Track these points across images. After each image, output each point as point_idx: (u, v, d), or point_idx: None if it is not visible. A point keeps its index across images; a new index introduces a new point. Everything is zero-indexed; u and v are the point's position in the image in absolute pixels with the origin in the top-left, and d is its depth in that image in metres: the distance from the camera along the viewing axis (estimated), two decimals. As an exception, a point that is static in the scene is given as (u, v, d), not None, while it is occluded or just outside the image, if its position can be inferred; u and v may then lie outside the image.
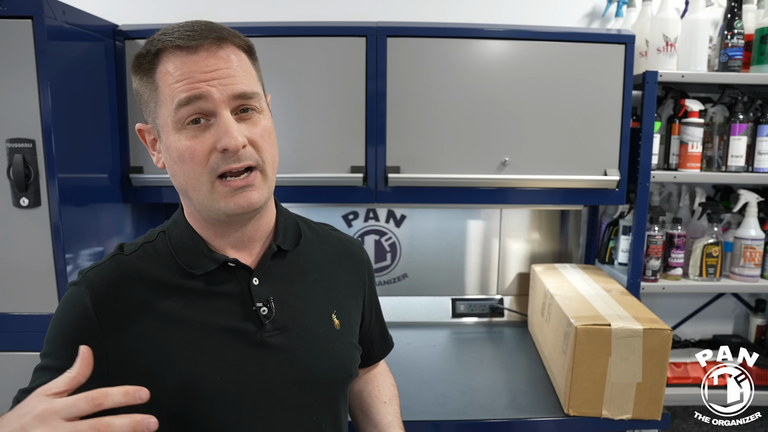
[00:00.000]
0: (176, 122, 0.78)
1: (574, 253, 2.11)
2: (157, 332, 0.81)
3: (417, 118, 1.63)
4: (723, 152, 1.81)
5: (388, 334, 1.19)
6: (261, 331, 0.85)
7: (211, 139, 0.77)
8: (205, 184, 0.79)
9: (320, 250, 0.99)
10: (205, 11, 1.88)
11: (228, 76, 0.77)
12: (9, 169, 1.27)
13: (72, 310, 0.82)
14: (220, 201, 0.79)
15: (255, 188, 0.80)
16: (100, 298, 0.81)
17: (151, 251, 0.87)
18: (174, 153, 0.79)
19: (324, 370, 0.90)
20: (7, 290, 1.33)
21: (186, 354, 0.81)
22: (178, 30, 0.78)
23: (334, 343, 0.93)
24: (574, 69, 1.64)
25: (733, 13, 1.72)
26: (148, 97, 0.81)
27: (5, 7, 1.23)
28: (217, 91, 0.76)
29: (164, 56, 0.78)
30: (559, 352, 1.49)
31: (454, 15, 1.97)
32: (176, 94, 0.76)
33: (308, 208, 1.98)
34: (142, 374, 0.79)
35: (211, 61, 0.77)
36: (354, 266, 1.03)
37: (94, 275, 0.83)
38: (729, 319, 2.19)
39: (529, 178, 1.66)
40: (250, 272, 0.87)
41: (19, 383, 1.37)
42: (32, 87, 1.26)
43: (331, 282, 0.97)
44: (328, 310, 0.94)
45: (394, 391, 1.14)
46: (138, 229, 1.75)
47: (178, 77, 0.76)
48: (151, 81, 0.79)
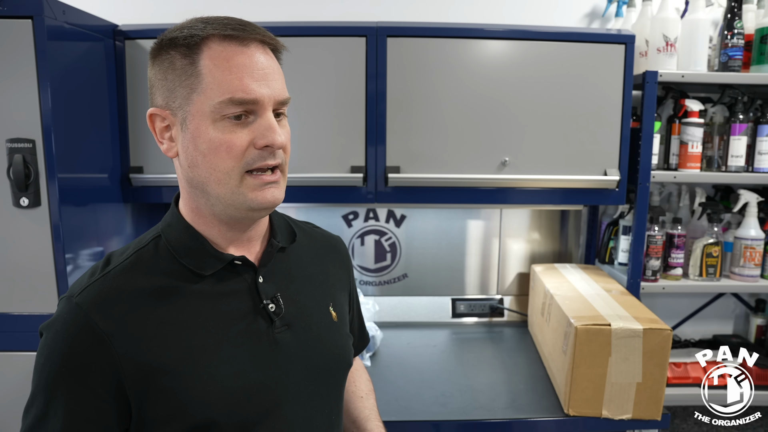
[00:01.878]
0: (216, 113, 0.76)
1: (574, 253, 2.11)
2: (172, 344, 0.78)
3: (417, 118, 1.63)
4: (723, 152, 1.81)
5: (365, 329, 1.21)
6: (271, 328, 0.86)
7: (250, 136, 0.78)
8: (234, 178, 0.78)
9: (310, 246, 1.01)
10: (204, 11, 1.87)
11: (275, 79, 0.79)
12: (9, 169, 1.27)
13: (75, 337, 0.75)
14: (248, 194, 0.79)
15: (278, 186, 0.82)
16: (106, 318, 0.76)
17: (147, 258, 0.83)
18: (204, 144, 0.77)
19: (329, 362, 0.92)
20: (7, 290, 1.33)
21: (204, 361, 0.79)
22: (223, 22, 0.78)
23: (335, 335, 0.96)
24: (574, 69, 1.64)
25: (733, 13, 1.72)
26: (180, 82, 0.77)
27: (5, 7, 1.23)
28: (267, 93, 0.77)
29: (213, 43, 0.76)
30: (559, 352, 1.49)
31: (454, 15, 1.97)
32: (229, 90, 0.75)
33: (308, 208, 1.98)
34: (164, 389, 0.77)
35: (261, 59, 0.78)
36: (340, 261, 1.06)
37: (91, 295, 0.78)
38: (729, 319, 2.19)
39: (529, 178, 1.66)
40: (255, 270, 0.87)
41: (19, 383, 1.37)
42: (32, 87, 1.26)
43: (324, 276, 0.99)
44: (326, 303, 0.96)
45: (370, 386, 1.17)
46: (138, 229, 1.75)
47: (231, 69, 0.76)
48: (191, 65, 0.77)
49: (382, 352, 1.79)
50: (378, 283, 2.10)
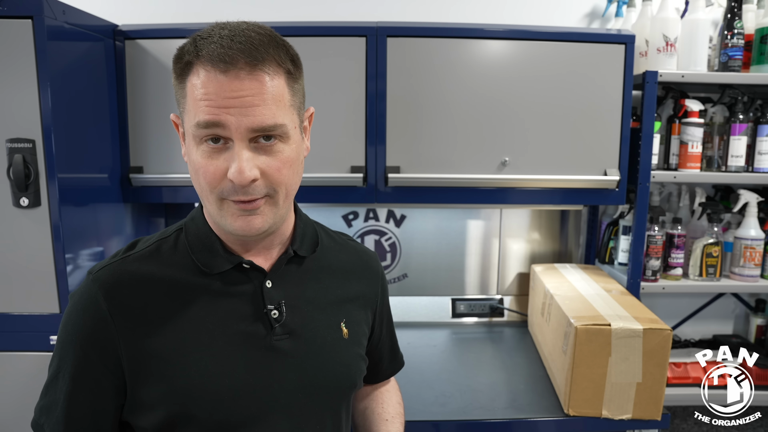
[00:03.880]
0: (196, 136, 0.76)
1: (574, 253, 2.11)
2: (169, 333, 0.81)
3: (417, 118, 1.63)
4: (723, 152, 1.81)
5: (399, 352, 1.16)
6: (270, 334, 0.85)
7: (225, 165, 0.75)
8: (214, 202, 0.79)
9: (336, 258, 0.98)
10: (204, 11, 1.88)
11: (252, 105, 0.73)
12: (9, 169, 1.27)
13: (86, 310, 0.81)
14: (227, 218, 0.79)
15: (260, 214, 0.79)
16: (114, 298, 0.81)
17: (166, 249, 0.86)
18: (191, 164, 0.79)
19: (329, 378, 0.90)
20: (7, 290, 1.33)
21: (196, 355, 0.81)
22: (217, 41, 0.74)
23: (341, 352, 0.92)
24: (574, 69, 1.63)
25: (733, 13, 1.72)
26: (180, 98, 0.79)
27: (5, 7, 1.23)
28: (235, 120, 0.73)
29: (195, 68, 0.75)
30: (559, 352, 1.49)
31: (455, 15, 1.97)
32: (198, 113, 0.74)
33: (308, 208, 1.97)
34: (154, 374, 0.80)
35: (236, 85, 0.73)
36: (368, 278, 1.02)
37: (106, 274, 0.82)
38: (729, 319, 2.19)
39: (529, 178, 1.66)
40: (264, 274, 0.87)
41: (18, 383, 1.37)
42: (32, 87, 1.26)
43: (343, 291, 0.96)
44: (338, 318, 0.94)
45: (399, 409, 1.12)
46: (138, 229, 1.75)
47: (202, 95, 0.74)
48: (182, 86, 0.78)
49: (382, 352, 1.79)
50: (378, 283, 2.10)
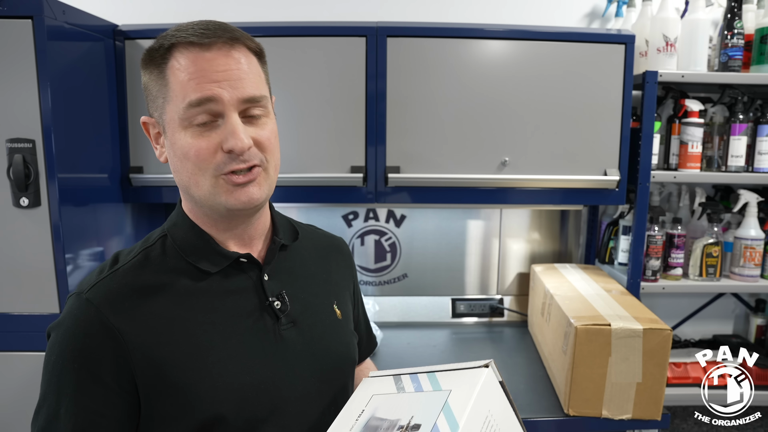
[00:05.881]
0: (183, 120, 0.77)
1: (574, 253, 2.11)
2: (180, 338, 0.79)
3: (417, 118, 1.63)
4: (723, 152, 1.81)
5: (372, 332, 1.21)
6: (277, 325, 0.86)
7: (217, 139, 0.77)
8: (208, 180, 0.79)
9: (312, 246, 1.02)
10: (204, 11, 1.88)
11: (239, 78, 0.78)
12: (9, 169, 1.27)
13: (88, 333, 0.76)
14: (222, 195, 0.80)
15: (256, 184, 0.81)
16: (118, 312, 0.77)
17: (155, 256, 0.84)
18: (179, 150, 0.79)
19: (335, 359, 0.93)
20: (7, 290, 1.33)
21: (213, 358, 0.80)
22: (192, 27, 0.78)
23: (339, 332, 0.97)
24: (574, 69, 1.63)
25: (733, 13, 1.72)
26: (157, 92, 0.80)
27: (5, 7, 1.23)
28: (227, 93, 0.76)
29: (177, 51, 0.77)
30: (559, 352, 1.49)
31: (455, 15, 1.97)
32: (187, 94, 0.76)
33: (308, 208, 1.98)
34: (173, 385, 0.77)
35: (222, 61, 0.77)
36: (343, 260, 1.08)
37: (101, 292, 0.79)
38: (729, 319, 2.19)
39: (529, 178, 1.66)
40: (260, 268, 0.88)
41: (19, 383, 1.37)
42: (32, 87, 1.26)
43: (327, 275, 1.00)
44: (330, 300, 0.97)
45: None
46: (138, 229, 1.75)
47: (190, 74, 0.76)
48: (161, 76, 0.79)
49: (382, 352, 1.78)
50: (378, 283, 2.10)
